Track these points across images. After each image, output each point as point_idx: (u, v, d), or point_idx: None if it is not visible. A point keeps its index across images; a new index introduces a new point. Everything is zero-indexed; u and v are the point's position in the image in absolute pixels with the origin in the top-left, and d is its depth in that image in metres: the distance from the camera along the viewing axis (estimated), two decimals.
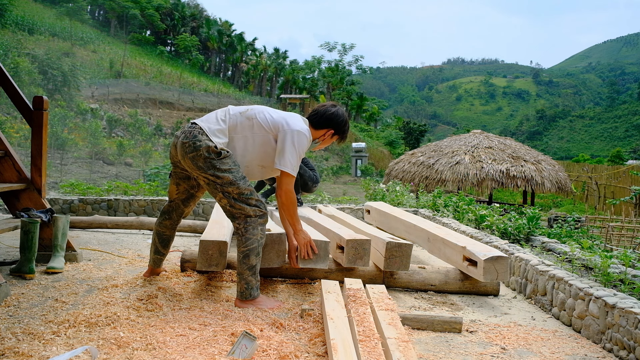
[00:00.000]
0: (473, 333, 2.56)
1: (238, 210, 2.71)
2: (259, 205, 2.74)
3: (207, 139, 2.69)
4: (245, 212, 2.71)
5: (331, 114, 2.94)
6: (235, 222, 2.75)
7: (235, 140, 2.78)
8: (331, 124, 2.95)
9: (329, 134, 2.98)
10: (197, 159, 2.68)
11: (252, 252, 2.71)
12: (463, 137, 12.21)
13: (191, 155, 2.69)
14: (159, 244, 3.11)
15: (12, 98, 3.65)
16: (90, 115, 25.64)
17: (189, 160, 2.71)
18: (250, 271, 2.71)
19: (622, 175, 16.76)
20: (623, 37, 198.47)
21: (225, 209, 2.76)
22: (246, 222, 2.71)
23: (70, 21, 46.13)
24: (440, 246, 3.67)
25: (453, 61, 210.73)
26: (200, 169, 2.69)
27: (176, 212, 3.06)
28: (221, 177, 2.67)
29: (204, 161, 2.67)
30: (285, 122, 2.80)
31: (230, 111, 2.85)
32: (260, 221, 2.75)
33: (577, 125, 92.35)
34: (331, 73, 50.26)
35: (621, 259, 2.96)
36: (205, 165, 2.67)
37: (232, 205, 2.71)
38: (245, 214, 2.71)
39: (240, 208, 2.71)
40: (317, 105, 3.03)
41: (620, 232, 7.66)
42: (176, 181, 2.97)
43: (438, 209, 6.12)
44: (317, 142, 2.99)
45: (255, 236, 2.72)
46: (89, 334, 2.17)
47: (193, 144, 2.68)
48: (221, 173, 2.67)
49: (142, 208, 6.03)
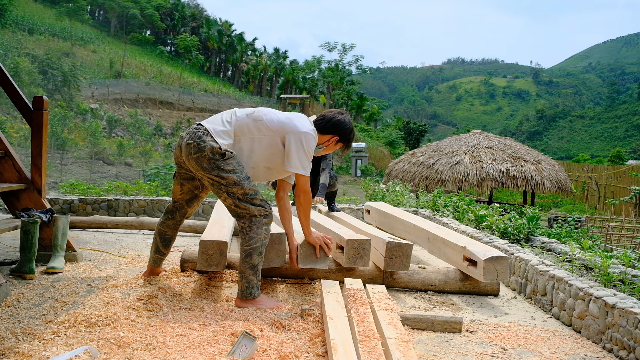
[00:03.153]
0: (473, 333, 2.56)
1: (243, 210, 2.73)
2: (263, 205, 2.76)
3: (212, 140, 2.71)
4: (250, 212, 2.73)
5: (337, 121, 2.95)
6: (240, 222, 2.76)
7: (242, 141, 2.79)
8: (337, 130, 2.96)
9: (333, 140, 2.99)
10: (201, 159, 2.70)
11: (255, 252, 2.72)
12: (463, 137, 12.21)
13: (196, 156, 2.71)
14: (160, 243, 3.11)
15: (12, 98, 3.65)
16: (90, 115, 25.65)
17: (194, 161, 2.72)
18: (251, 270, 2.72)
19: (622, 175, 16.75)
20: (623, 37, 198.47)
21: (231, 209, 2.77)
22: (251, 222, 2.73)
23: (70, 21, 46.15)
24: (440, 246, 3.67)
25: (453, 61, 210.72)
26: (205, 170, 2.71)
27: (179, 212, 3.07)
28: (225, 178, 2.69)
29: (208, 162, 2.69)
30: (292, 124, 2.81)
31: (236, 113, 2.87)
32: (265, 221, 2.76)
33: (577, 125, 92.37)
34: (331, 73, 50.23)
35: (621, 259, 2.96)
36: (210, 166, 2.69)
37: (237, 205, 2.73)
38: (251, 214, 2.73)
39: (245, 208, 2.72)
40: (325, 111, 3.04)
41: (620, 232, 7.66)
42: (180, 181, 2.99)
43: (438, 209, 6.12)
44: (321, 147, 2.99)
45: (259, 235, 2.73)
46: (89, 334, 2.17)
47: (197, 145, 2.70)
48: (225, 174, 2.69)
49: (142, 208, 6.03)
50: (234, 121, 2.81)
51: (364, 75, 66.24)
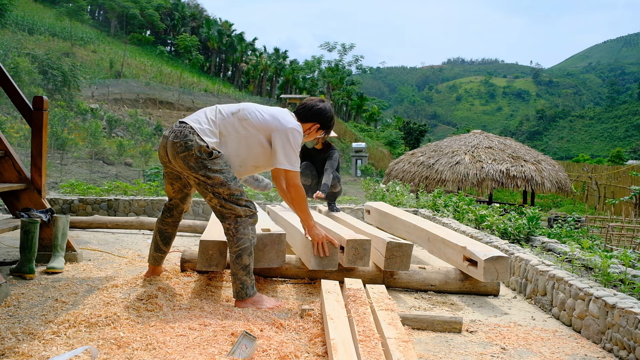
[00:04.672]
0: (473, 333, 2.56)
1: (228, 211, 2.71)
2: (249, 206, 2.75)
3: (199, 138, 2.68)
4: (236, 212, 2.71)
5: (318, 109, 2.99)
6: (225, 223, 2.74)
7: (228, 140, 2.77)
8: (318, 118, 2.99)
9: (314, 128, 3.01)
10: (188, 158, 2.66)
11: (245, 252, 2.71)
12: (463, 137, 12.20)
13: (182, 155, 2.67)
14: (160, 241, 3.11)
15: (12, 98, 3.65)
16: (90, 115, 25.62)
17: (180, 160, 2.69)
18: (244, 271, 2.71)
19: (622, 175, 16.75)
20: (623, 37, 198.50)
21: (216, 209, 2.76)
22: (236, 222, 2.71)
23: (70, 21, 46.12)
24: (441, 246, 3.66)
25: (453, 61, 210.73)
26: (192, 169, 2.68)
27: (177, 209, 3.07)
28: (212, 178, 2.67)
29: (195, 161, 2.66)
30: (278, 121, 2.80)
31: (221, 111, 2.83)
32: (250, 221, 2.75)
33: (577, 125, 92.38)
34: (331, 73, 50.22)
35: (621, 259, 2.96)
36: (197, 165, 2.66)
37: (222, 206, 2.71)
38: (236, 214, 2.71)
39: (230, 208, 2.71)
40: (306, 99, 3.07)
41: (620, 232, 7.66)
42: (170, 181, 2.98)
43: (438, 209, 6.12)
44: (304, 135, 3.00)
45: (247, 236, 2.72)
46: (89, 334, 2.17)
47: (184, 144, 2.66)
48: (212, 174, 2.67)
49: (142, 208, 6.02)
50: (219, 120, 2.79)
51: (364, 75, 66.24)
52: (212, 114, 2.82)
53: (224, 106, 2.90)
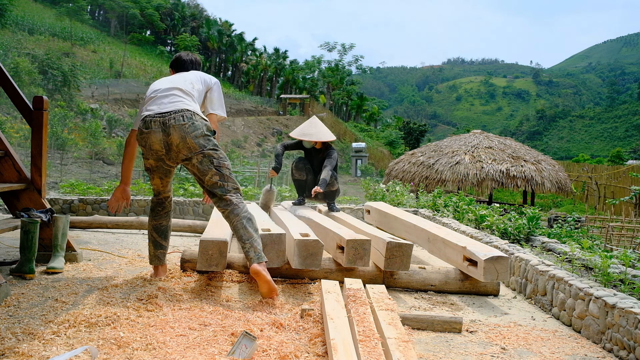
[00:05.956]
0: (473, 333, 2.56)
1: (231, 184, 2.92)
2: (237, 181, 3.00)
3: (202, 117, 2.89)
4: (236, 185, 2.95)
5: (173, 59, 3.34)
6: (227, 195, 2.90)
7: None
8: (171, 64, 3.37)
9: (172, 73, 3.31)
10: (199, 137, 2.83)
11: (253, 217, 2.91)
12: (463, 137, 12.20)
13: (193, 134, 2.81)
14: (158, 237, 3.13)
15: (12, 98, 3.65)
16: (90, 115, 25.64)
17: (192, 140, 2.81)
18: (256, 233, 2.88)
19: (622, 175, 16.75)
20: (623, 37, 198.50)
21: (217, 186, 2.89)
22: (238, 194, 2.93)
23: (70, 21, 46.11)
24: (441, 246, 3.66)
25: (453, 61, 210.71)
26: (201, 147, 2.83)
27: (167, 200, 3.17)
28: (218, 150, 2.89)
29: (204, 138, 2.84)
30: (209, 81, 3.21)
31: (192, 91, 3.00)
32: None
33: (577, 125, 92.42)
34: (331, 73, 50.25)
35: (621, 259, 2.96)
36: (206, 142, 2.84)
37: (225, 180, 2.89)
38: (236, 187, 2.94)
39: (232, 182, 2.93)
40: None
41: (620, 232, 7.66)
42: (159, 176, 3.05)
43: (438, 209, 6.12)
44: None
45: (246, 206, 2.94)
46: (89, 334, 2.17)
47: (192, 124, 2.82)
48: (218, 148, 2.90)
49: (142, 208, 6.02)
50: (196, 97, 3.01)
51: (364, 75, 66.28)
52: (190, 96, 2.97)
53: (182, 83, 3.03)
